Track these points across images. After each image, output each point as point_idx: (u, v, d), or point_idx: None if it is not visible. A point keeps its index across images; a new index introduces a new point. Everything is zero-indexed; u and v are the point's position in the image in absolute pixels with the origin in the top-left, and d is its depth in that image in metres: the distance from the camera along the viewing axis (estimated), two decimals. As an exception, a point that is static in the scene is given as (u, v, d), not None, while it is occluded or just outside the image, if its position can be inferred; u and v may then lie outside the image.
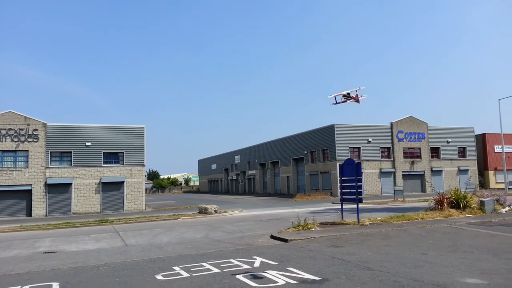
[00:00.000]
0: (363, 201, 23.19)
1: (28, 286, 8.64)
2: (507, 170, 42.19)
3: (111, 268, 10.38)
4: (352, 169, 17.30)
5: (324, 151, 47.09)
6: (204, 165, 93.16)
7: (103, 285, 8.45)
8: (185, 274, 9.11)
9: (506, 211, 19.67)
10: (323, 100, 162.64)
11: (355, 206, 17.18)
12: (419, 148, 48.40)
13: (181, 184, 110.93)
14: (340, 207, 18.81)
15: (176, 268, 9.87)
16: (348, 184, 17.77)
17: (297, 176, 54.11)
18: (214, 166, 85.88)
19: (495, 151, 52.70)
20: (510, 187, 44.16)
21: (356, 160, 34.64)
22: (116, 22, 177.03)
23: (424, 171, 48.10)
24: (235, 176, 74.54)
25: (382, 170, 45.73)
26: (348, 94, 29.11)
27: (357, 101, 29.21)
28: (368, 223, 16.53)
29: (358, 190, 16.86)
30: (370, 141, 45.59)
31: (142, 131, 35.23)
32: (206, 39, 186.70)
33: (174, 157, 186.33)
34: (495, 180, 52.31)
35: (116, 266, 10.63)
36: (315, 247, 12.03)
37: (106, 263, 11.13)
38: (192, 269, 9.58)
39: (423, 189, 47.22)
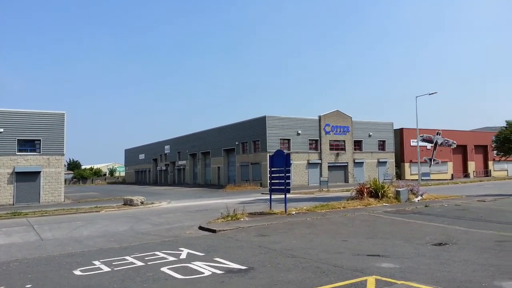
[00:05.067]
0: (291, 192, 24.01)
1: None
2: (420, 162, 45.94)
3: (24, 264, 9.55)
4: (281, 160, 17.68)
5: (255, 142, 47.66)
6: (131, 155, 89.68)
7: (13, 283, 7.73)
8: (105, 269, 8.64)
9: (418, 200, 21.42)
10: (254, 94, 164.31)
11: (283, 196, 17.59)
12: (344, 141, 50.95)
13: (105, 174, 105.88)
14: (269, 197, 19.15)
15: (96, 262, 9.34)
16: (277, 175, 18.16)
17: (228, 167, 54.23)
18: (142, 156, 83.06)
19: (411, 144, 57.05)
20: (423, 178, 48.26)
21: (285, 151, 35.37)
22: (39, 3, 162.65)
23: (347, 162, 50.78)
24: (164, 166, 72.79)
25: (310, 162, 47.45)
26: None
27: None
28: (294, 212, 17.04)
29: (287, 181, 17.30)
30: (299, 133, 47.02)
31: (62, 118, 32.82)
32: (135, 26, 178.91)
33: (98, 147, 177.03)
34: (410, 171, 56.80)
35: (29, 261, 9.80)
36: (243, 237, 12.11)
37: (17, 258, 10.22)
38: (113, 263, 9.13)
39: (346, 180, 49.82)
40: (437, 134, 47.69)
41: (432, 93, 41.98)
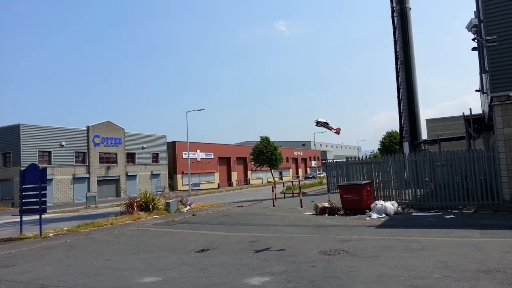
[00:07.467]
0: (52, 211, 21.27)
1: None
2: (191, 174, 48.55)
3: None
4: (35, 175, 15.30)
5: (5, 155, 40.39)
6: None
7: None
8: None
9: (187, 210, 22.30)
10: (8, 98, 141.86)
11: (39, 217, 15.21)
12: (116, 153, 49.00)
13: None
14: (19, 219, 16.23)
15: None
16: (31, 192, 15.59)
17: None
18: None
19: (183, 157, 59.76)
20: (194, 188, 51.21)
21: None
22: None
23: (119, 176, 48.98)
24: None
25: (76, 176, 43.44)
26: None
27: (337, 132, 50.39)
28: (52, 234, 14.95)
29: (42, 199, 15.02)
30: (63, 145, 42.47)
31: None
32: None
33: None
34: (182, 182, 59.37)
35: None
36: (-24, 273, 9.68)
37: None
38: None
39: (118, 194, 47.91)
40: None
41: (201, 109, 45.34)
